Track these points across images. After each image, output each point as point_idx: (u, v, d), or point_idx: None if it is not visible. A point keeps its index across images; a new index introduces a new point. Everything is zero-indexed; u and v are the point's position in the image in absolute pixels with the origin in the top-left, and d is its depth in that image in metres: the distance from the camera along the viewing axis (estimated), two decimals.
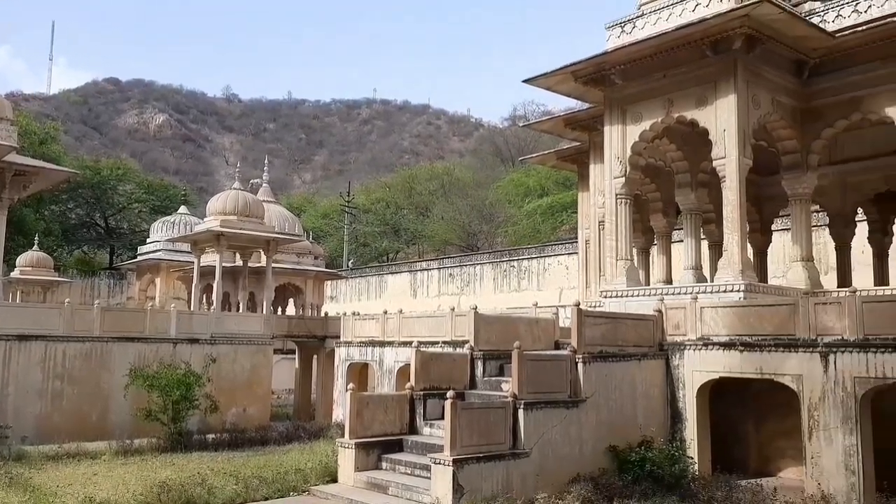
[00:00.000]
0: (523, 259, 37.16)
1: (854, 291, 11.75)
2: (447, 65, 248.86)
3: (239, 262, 29.37)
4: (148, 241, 38.06)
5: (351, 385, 12.89)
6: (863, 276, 18.93)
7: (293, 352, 30.05)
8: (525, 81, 16.82)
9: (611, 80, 15.69)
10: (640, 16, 15.19)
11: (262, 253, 28.30)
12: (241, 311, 28.40)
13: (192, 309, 27.62)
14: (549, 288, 34.59)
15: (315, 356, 28.24)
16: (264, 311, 26.95)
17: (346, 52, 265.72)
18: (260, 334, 24.00)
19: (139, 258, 37.75)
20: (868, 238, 19.22)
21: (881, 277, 18.53)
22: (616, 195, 15.70)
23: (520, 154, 48.97)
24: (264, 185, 33.98)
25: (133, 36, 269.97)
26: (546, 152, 23.93)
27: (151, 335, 21.15)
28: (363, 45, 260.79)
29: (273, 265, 28.65)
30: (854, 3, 14.38)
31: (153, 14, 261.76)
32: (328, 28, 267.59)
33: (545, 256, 36.01)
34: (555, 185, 50.02)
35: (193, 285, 28.07)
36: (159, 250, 36.07)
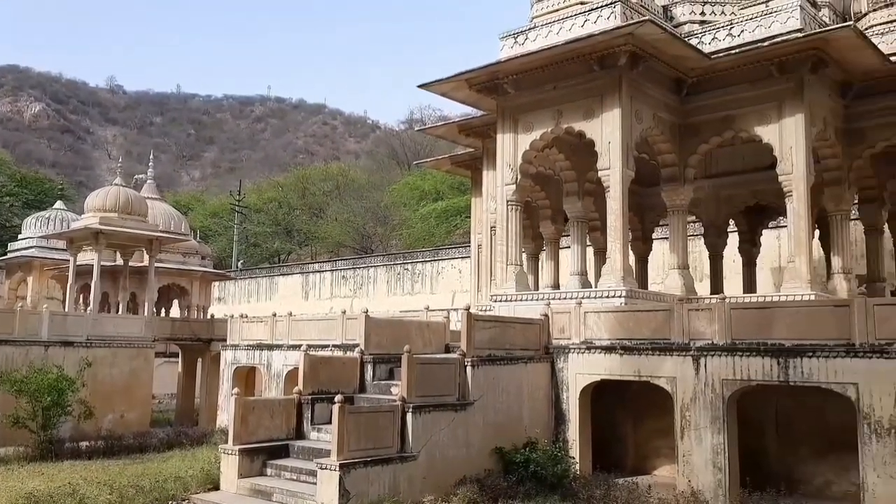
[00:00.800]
0: (417, 262, 37.30)
1: (723, 298, 12.49)
2: (345, 65, 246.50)
3: (120, 262, 28.08)
4: (19, 237, 35.78)
5: (236, 389, 12.59)
6: (733, 283, 20.14)
7: (177, 355, 29.00)
8: (420, 87, 16.97)
9: (504, 90, 16.03)
10: (533, 28, 15.61)
11: (145, 252, 27.17)
12: (120, 312, 27.16)
13: (66, 310, 26.15)
14: (442, 291, 34.86)
15: (200, 360, 27.36)
16: (146, 313, 25.87)
17: (240, 48, 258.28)
18: (141, 337, 23.04)
19: (9, 255, 35.43)
20: (738, 248, 20.47)
21: (749, 285, 19.79)
22: (507, 201, 16.05)
23: (416, 157, 49.19)
24: (149, 181, 32.64)
25: (7, 19, 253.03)
26: (441, 157, 24.17)
27: (21, 337, 19.95)
28: (258, 41, 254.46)
29: (157, 265, 27.57)
30: (728, 27, 15.30)
31: None
32: (220, 22, 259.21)
33: (439, 260, 36.28)
34: (450, 190, 50.50)
35: (69, 285, 26.61)
36: (32, 247, 33.94)
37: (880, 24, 15.65)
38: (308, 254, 57.14)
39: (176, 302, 34.31)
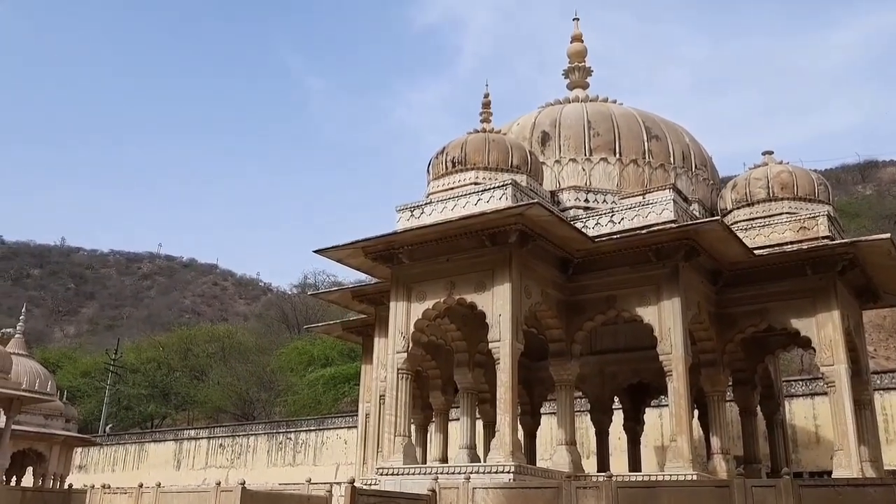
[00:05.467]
0: (301, 431, 35.82)
1: (610, 477, 12.47)
2: (239, 226, 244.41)
3: None
4: None
5: None
6: (619, 460, 20.28)
7: None
8: (316, 252, 17.07)
9: (399, 259, 16.35)
10: (429, 203, 16.26)
11: (2, 413, 24.83)
12: None
13: None
14: (326, 463, 33.36)
15: None
16: None
17: (130, 205, 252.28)
18: None
19: None
20: (623, 425, 20.81)
21: (634, 463, 19.97)
22: (398, 370, 15.87)
23: (307, 321, 48.47)
24: (17, 335, 30.50)
25: None
26: (332, 322, 23.96)
27: None
28: (151, 199, 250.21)
29: (14, 427, 25.15)
30: (610, 214, 16.45)
31: None
32: (111, 178, 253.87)
33: (324, 429, 35.02)
34: (339, 356, 49.64)
35: None
36: None
37: (743, 220, 17.21)
38: (185, 418, 53.88)
39: (31, 469, 31.09)
